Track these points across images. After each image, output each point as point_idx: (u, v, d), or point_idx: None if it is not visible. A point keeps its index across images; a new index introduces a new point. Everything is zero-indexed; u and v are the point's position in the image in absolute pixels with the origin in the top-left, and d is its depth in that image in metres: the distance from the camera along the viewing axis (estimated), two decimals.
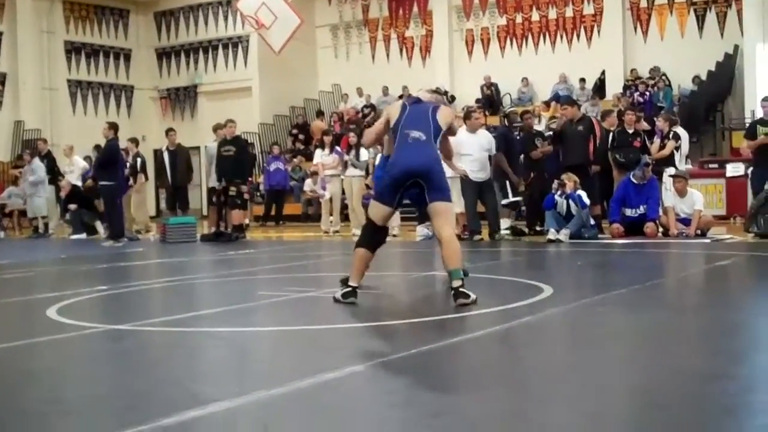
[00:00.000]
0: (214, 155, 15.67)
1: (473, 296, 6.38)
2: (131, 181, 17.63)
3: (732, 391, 3.83)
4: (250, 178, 17.05)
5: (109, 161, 15.67)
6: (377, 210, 6.81)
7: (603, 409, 3.70)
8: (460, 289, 6.40)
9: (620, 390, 4.03)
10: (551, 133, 14.31)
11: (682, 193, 12.83)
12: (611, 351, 4.98)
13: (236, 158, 15.43)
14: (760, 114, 14.18)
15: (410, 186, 6.65)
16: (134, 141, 18.58)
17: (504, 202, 13.70)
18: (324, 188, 16.71)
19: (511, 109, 18.70)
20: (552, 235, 12.32)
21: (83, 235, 17.90)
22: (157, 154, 18.52)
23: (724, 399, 3.71)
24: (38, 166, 18.84)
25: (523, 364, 4.60)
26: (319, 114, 25.76)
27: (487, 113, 22.26)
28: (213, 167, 15.68)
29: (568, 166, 13.11)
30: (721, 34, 22.04)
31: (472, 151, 13.16)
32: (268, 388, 4.05)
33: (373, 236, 6.90)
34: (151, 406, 3.88)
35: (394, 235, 14.99)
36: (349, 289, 6.73)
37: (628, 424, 3.48)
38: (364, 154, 15.94)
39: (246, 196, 16.10)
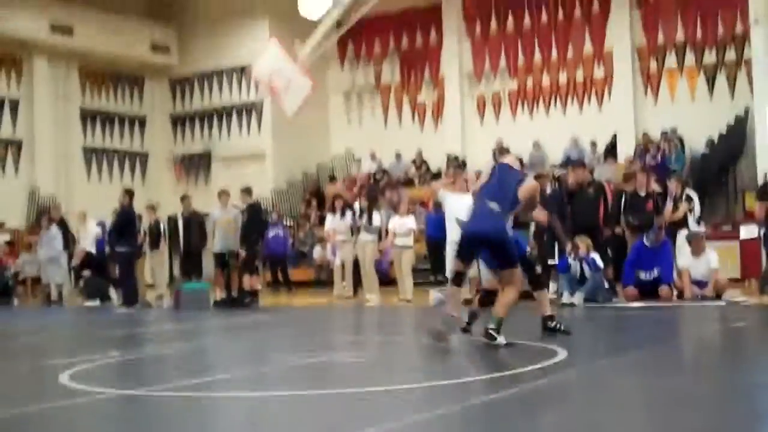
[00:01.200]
0: (218, 221, 15.77)
1: (500, 340, 7.41)
2: (144, 247, 17.70)
3: None
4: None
5: (125, 227, 15.75)
6: (455, 264, 7.92)
7: None
8: (490, 331, 7.48)
9: None
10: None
11: (699, 252, 12.76)
12: (627, 414, 4.94)
13: (246, 225, 15.53)
14: None
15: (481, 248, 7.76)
16: (152, 207, 18.69)
17: (551, 262, 13.55)
18: (334, 254, 16.70)
19: (561, 171, 18.49)
20: (566, 299, 12.26)
21: (97, 302, 17.90)
22: (171, 220, 18.60)
23: None
24: (56, 233, 18.91)
25: (538, 427, 4.55)
26: (332, 178, 25.87)
27: None
28: (217, 233, 15.76)
29: (580, 228, 13.09)
30: (732, 96, 22.13)
31: None
32: None
33: (459, 279, 7.97)
34: None
35: (408, 300, 14.97)
36: (452, 318, 7.88)
37: None
38: (377, 219, 15.97)
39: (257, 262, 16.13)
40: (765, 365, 6.80)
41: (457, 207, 13.56)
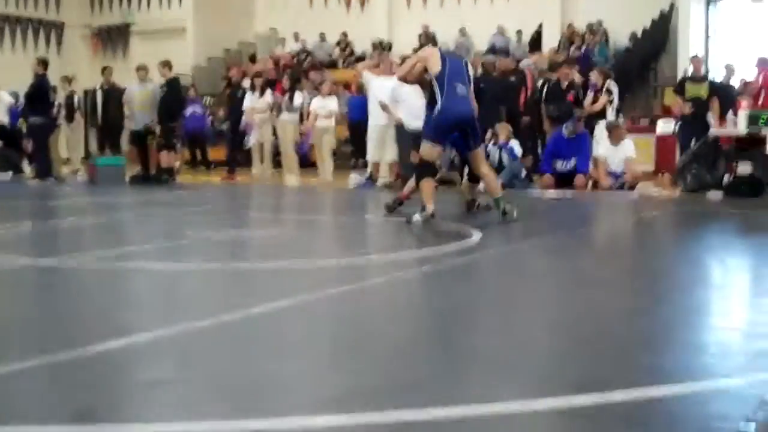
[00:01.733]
0: (134, 97, 15.42)
1: (516, 214, 8.03)
2: (60, 120, 17.28)
3: (650, 329, 3.91)
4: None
5: (39, 97, 15.29)
6: (432, 150, 8.21)
7: (527, 339, 3.76)
8: (505, 209, 8.07)
9: (544, 324, 4.10)
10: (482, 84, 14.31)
11: (617, 140, 12.94)
12: (536, 290, 5.06)
13: (165, 99, 15.21)
14: (691, 72, 14.37)
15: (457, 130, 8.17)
16: (67, 79, 18.16)
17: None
18: (250, 133, 16.44)
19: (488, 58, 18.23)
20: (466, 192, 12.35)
21: (8, 175, 17.48)
22: (90, 93, 18.12)
23: (644, 335, 3.80)
24: None
25: (450, 301, 4.63)
26: (253, 59, 25.31)
27: None
28: (134, 108, 15.43)
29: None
30: None
31: (408, 99, 13.08)
32: (194, 320, 4.02)
33: (431, 169, 8.33)
34: (73, 335, 3.83)
35: (328, 181, 14.96)
36: (430, 212, 7.97)
37: (551, 354, 3.54)
38: (298, 100, 15.77)
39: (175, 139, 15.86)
40: (669, 252, 7.01)
41: (381, 90, 13.54)
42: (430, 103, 8.29)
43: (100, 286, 5.23)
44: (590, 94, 14.04)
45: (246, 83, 16.44)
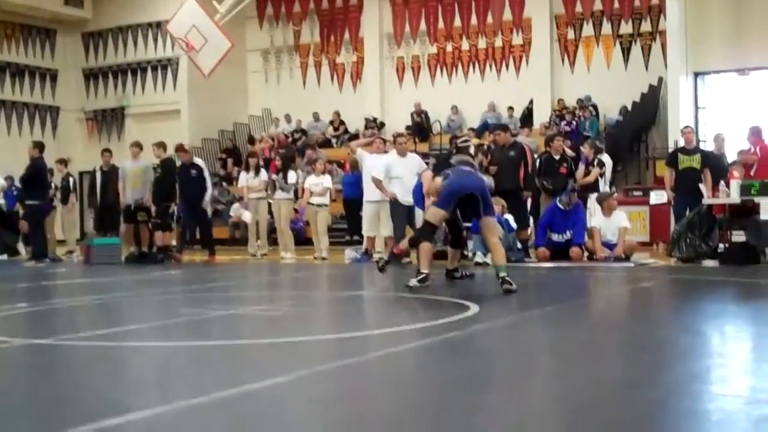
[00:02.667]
0: (127, 173, 15.51)
1: (515, 286, 8.06)
2: (55, 202, 17.36)
3: (652, 398, 3.87)
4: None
5: (35, 180, 15.37)
6: (437, 213, 8.65)
7: (526, 413, 3.72)
8: (506, 279, 8.16)
9: (543, 396, 4.06)
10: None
11: (609, 211, 13.03)
12: (534, 362, 5.03)
13: (160, 180, 15.32)
14: (682, 143, 14.50)
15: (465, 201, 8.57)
16: (63, 162, 18.29)
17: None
18: (246, 209, 16.50)
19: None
20: (479, 258, 12.38)
21: (4, 256, 17.47)
22: (90, 174, 18.19)
23: (644, 405, 3.76)
24: None
25: (448, 375, 4.59)
26: (252, 139, 25.51)
27: (416, 140, 22.42)
28: (127, 186, 15.49)
29: (499, 191, 13.22)
30: (646, 67, 22.55)
31: (402, 175, 13.20)
32: (189, 398, 3.98)
33: (432, 233, 8.80)
34: (68, 415, 3.78)
35: (323, 258, 14.96)
36: (425, 275, 8.38)
37: (552, 428, 3.49)
38: (292, 177, 15.87)
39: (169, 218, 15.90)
40: (667, 321, 6.98)
41: (375, 166, 13.65)
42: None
43: (96, 365, 5.18)
44: (582, 167, 14.14)
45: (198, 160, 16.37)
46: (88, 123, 28.55)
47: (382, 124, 24.23)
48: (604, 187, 14.31)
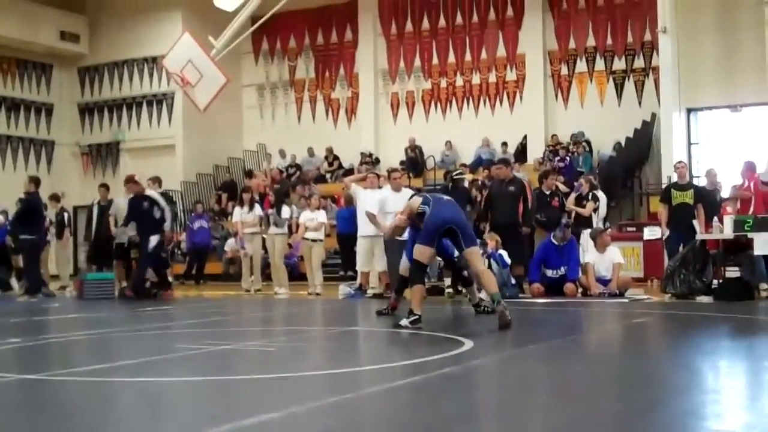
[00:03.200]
0: (120, 209, 15.50)
1: (510, 317, 8.14)
2: (49, 237, 17.35)
3: None
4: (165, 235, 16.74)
5: (30, 215, 15.36)
6: (424, 252, 8.67)
7: None
8: (500, 308, 8.21)
9: None
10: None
11: (603, 247, 13.06)
12: (530, 397, 5.01)
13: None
14: (675, 179, 14.56)
15: (445, 234, 8.67)
16: (55, 197, 18.30)
17: None
18: (243, 246, 16.55)
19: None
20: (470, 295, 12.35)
21: None
22: (87, 209, 18.18)
23: None
24: None
25: (443, 411, 4.57)
26: (249, 174, 25.50)
27: (411, 175, 22.48)
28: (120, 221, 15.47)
29: (498, 225, 13.25)
30: (639, 103, 22.68)
31: (396, 210, 13.16)
32: None
33: (423, 274, 8.95)
34: None
35: (318, 294, 14.94)
36: (417, 317, 8.37)
37: None
38: (286, 213, 15.88)
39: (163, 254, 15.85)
40: (662, 356, 6.98)
41: (369, 201, 13.67)
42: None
43: (88, 401, 5.15)
44: (573, 195, 14.21)
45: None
46: (83, 157, 28.59)
47: (377, 160, 24.30)
48: (597, 223, 14.36)
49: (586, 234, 13.79)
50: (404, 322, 8.37)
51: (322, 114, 27.04)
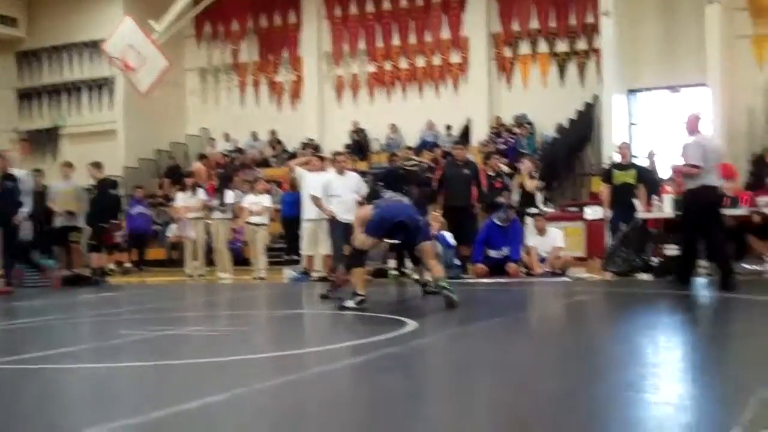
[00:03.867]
0: (58, 194, 15.28)
1: (456, 297, 8.31)
2: None
3: (589, 408, 3.93)
4: (113, 221, 16.56)
5: None
6: (365, 241, 8.74)
7: (463, 425, 3.74)
8: (448, 289, 8.40)
9: (480, 409, 4.08)
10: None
11: (542, 231, 13.21)
12: (473, 375, 5.05)
13: (97, 201, 15.12)
14: (617, 159, 14.73)
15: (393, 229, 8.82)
16: None
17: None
18: (186, 231, 16.38)
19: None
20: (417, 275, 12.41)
21: None
22: None
23: (581, 413, 3.81)
24: None
25: (385, 390, 4.60)
26: (202, 157, 25.16)
27: (355, 158, 22.45)
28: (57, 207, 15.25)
29: (451, 206, 13.32)
30: (582, 84, 22.87)
31: (340, 193, 13.19)
32: (125, 418, 3.94)
33: (362, 259, 8.82)
34: None
35: (262, 278, 14.88)
36: (362, 298, 8.41)
37: None
38: (230, 197, 15.77)
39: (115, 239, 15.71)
40: (602, 332, 7.09)
41: (314, 185, 13.66)
42: None
43: (29, 388, 5.08)
44: (519, 176, 14.36)
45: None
46: (22, 143, 28.06)
47: (317, 148, 24.15)
48: (540, 203, 14.51)
49: (530, 221, 13.92)
50: (349, 303, 8.39)
51: (266, 98, 26.85)
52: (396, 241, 10.12)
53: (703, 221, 9.96)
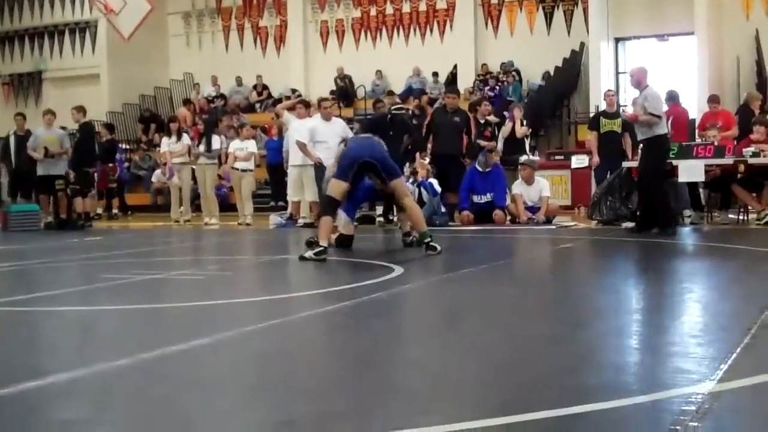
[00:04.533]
0: (41, 142, 15.13)
1: (440, 248, 8.31)
2: None
3: (573, 353, 3.96)
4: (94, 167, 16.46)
5: None
6: (338, 186, 8.47)
7: (449, 368, 3.76)
8: (430, 243, 8.35)
9: (465, 353, 4.10)
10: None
11: (529, 180, 13.20)
12: (457, 320, 5.08)
13: (79, 145, 15.01)
14: (603, 108, 14.70)
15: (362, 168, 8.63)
16: None
17: None
18: (170, 177, 16.30)
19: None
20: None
21: None
22: (2, 140, 17.69)
23: (565, 358, 3.84)
24: None
25: (371, 334, 4.62)
26: (186, 102, 24.94)
27: (341, 105, 22.33)
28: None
29: (441, 154, 13.26)
30: (568, 32, 22.70)
31: (326, 139, 13.10)
32: (112, 360, 3.94)
33: (334, 208, 8.61)
34: None
35: (248, 224, 14.86)
36: (322, 248, 8.05)
37: (473, 381, 3.54)
38: (216, 143, 15.68)
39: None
40: (587, 280, 7.13)
41: (300, 130, 13.59)
42: None
43: (14, 330, 5.08)
44: (509, 124, 14.28)
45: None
46: (4, 87, 27.79)
47: (300, 96, 23.95)
48: (528, 151, 14.50)
49: (520, 160, 13.88)
50: (308, 254, 8.08)
51: (251, 43, 26.57)
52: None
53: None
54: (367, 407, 3.12)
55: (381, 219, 13.45)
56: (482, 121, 14.17)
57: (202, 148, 15.46)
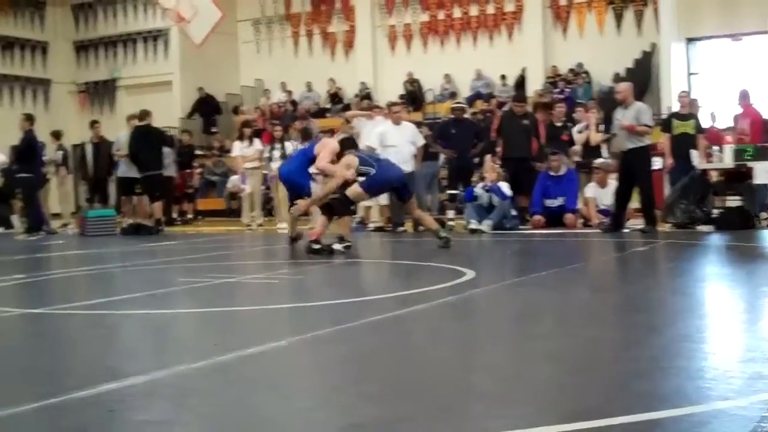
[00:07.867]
0: (122, 145, 15.48)
1: (448, 236, 9.69)
2: (49, 175, 17.33)
3: (647, 357, 3.93)
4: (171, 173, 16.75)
5: (27, 153, 15.33)
6: (361, 195, 9.81)
7: (523, 372, 3.77)
8: (445, 238, 9.58)
9: (539, 357, 4.09)
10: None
11: (603, 183, 13.06)
12: (530, 324, 5.07)
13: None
14: (675, 109, 14.49)
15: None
16: (56, 134, 18.23)
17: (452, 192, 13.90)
18: (244, 182, 16.49)
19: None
20: (474, 225, 12.42)
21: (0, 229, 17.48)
22: (79, 147, 18.14)
23: (639, 363, 3.81)
24: None
25: (444, 337, 4.63)
26: (236, 110, 25.28)
27: (410, 109, 22.36)
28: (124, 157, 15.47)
29: (510, 158, 13.22)
30: (639, 32, 22.44)
31: (396, 143, 13.15)
32: (189, 363, 4.02)
33: (350, 207, 10.06)
34: (67, 381, 3.82)
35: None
36: (350, 243, 9.53)
37: (547, 386, 3.54)
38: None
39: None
40: (661, 284, 7.04)
41: (370, 135, 13.66)
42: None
43: (93, 333, 5.21)
44: (592, 128, 14.01)
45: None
46: (80, 95, 28.43)
47: (369, 95, 24.03)
48: (605, 153, 14.33)
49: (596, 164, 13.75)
50: (338, 246, 9.29)
51: (319, 48, 26.78)
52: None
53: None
54: (439, 411, 3.13)
55: (451, 223, 13.44)
56: (558, 124, 14.07)
57: (276, 153, 15.58)
